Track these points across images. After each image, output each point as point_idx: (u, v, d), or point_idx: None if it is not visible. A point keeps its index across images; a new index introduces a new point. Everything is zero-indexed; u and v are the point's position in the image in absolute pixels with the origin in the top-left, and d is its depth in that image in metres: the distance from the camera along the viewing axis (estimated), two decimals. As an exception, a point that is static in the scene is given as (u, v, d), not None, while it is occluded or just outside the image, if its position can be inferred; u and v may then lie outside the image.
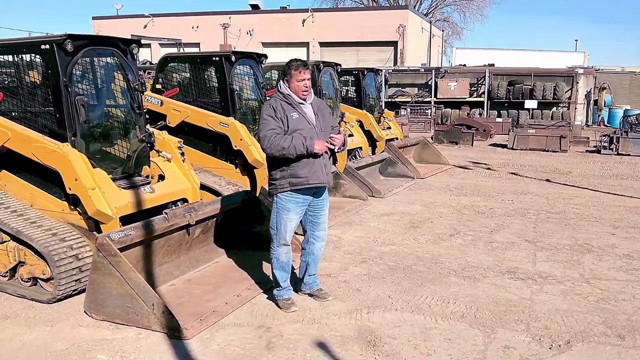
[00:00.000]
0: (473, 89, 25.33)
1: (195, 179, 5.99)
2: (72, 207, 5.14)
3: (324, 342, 4.03)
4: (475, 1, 46.79)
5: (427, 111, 24.67)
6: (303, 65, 4.34)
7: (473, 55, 31.31)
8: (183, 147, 6.13)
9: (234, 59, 7.57)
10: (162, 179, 5.76)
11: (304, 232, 4.79)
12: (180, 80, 8.07)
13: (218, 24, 30.09)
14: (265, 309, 4.61)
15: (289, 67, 4.36)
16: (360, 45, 31.62)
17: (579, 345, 4.04)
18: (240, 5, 73.41)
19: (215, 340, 4.07)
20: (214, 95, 7.81)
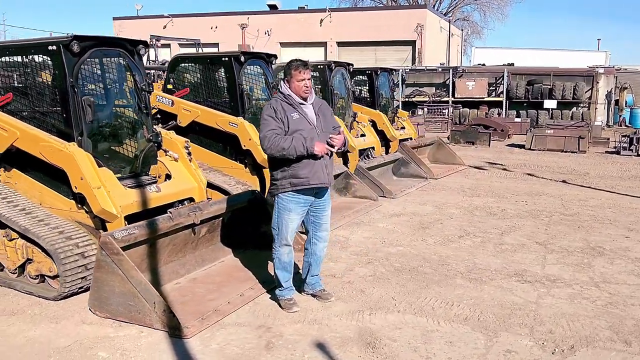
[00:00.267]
0: (491, 88, 25.05)
1: (201, 179, 6.02)
2: (79, 206, 5.20)
3: (323, 343, 4.01)
4: (496, 0, 46.31)
5: (445, 111, 24.48)
6: (303, 65, 4.33)
7: (492, 55, 31.00)
8: (191, 147, 6.16)
9: (243, 59, 7.59)
10: (169, 178, 5.80)
11: (306, 233, 4.78)
12: (191, 81, 8.12)
13: (236, 24, 30.20)
14: (267, 309, 4.61)
15: (289, 67, 4.36)
16: (378, 44, 31.49)
17: (583, 351, 3.96)
18: (258, 6, 73.79)
19: (215, 339, 4.09)
20: (224, 95, 7.84)
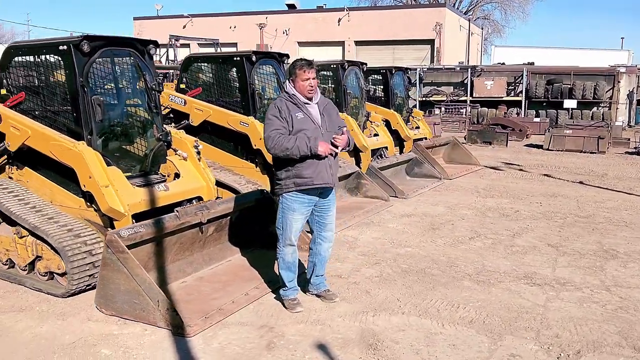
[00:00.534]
0: (510, 88, 24.78)
1: (210, 178, 6.04)
2: (89, 204, 5.26)
3: (324, 344, 4.00)
4: (517, -2, 45.76)
5: (462, 110, 24.26)
6: (308, 64, 4.32)
7: (513, 54, 30.70)
8: (201, 146, 6.19)
9: (254, 58, 7.61)
10: (178, 177, 5.84)
11: (311, 233, 4.77)
12: (203, 80, 8.17)
13: (255, 24, 30.33)
14: (271, 309, 4.62)
15: (293, 67, 4.36)
16: (396, 43, 31.34)
17: (589, 356, 3.88)
18: (276, 5, 74.00)
19: (217, 338, 4.10)
20: (235, 94, 7.87)
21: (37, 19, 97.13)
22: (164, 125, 6.10)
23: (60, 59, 5.25)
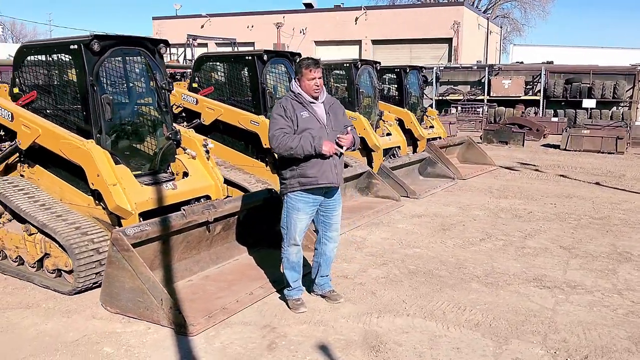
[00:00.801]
0: (528, 87, 24.47)
1: (219, 176, 6.04)
2: (97, 202, 5.30)
3: (326, 345, 3.97)
4: (537, -3, 45.20)
5: (479, 110, 24.02)
6: (314, 64, 4.30)
7: (532, 52, 30.35)
8: (210, 145, 6.19)
9: (266, 58, 7.61)
10: (187, 176, 5.86)
11: (316, 233, 4.75)
12: (215, 79, 8.20)
13: (272, 23, 30.39)
14: (275, 309, 4.60)
15: (299, 66, 4.34)
16: (414, 42, 31.17)
17: (596, 361, 3.81)
18: (294, 5, 74.06)
19: (220, 337, 4.10)
20: (247, 93, 7.88)
21: (59, 19, 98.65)
22: (174, 124, 6.12)
23: (70, 58, 5.30)
